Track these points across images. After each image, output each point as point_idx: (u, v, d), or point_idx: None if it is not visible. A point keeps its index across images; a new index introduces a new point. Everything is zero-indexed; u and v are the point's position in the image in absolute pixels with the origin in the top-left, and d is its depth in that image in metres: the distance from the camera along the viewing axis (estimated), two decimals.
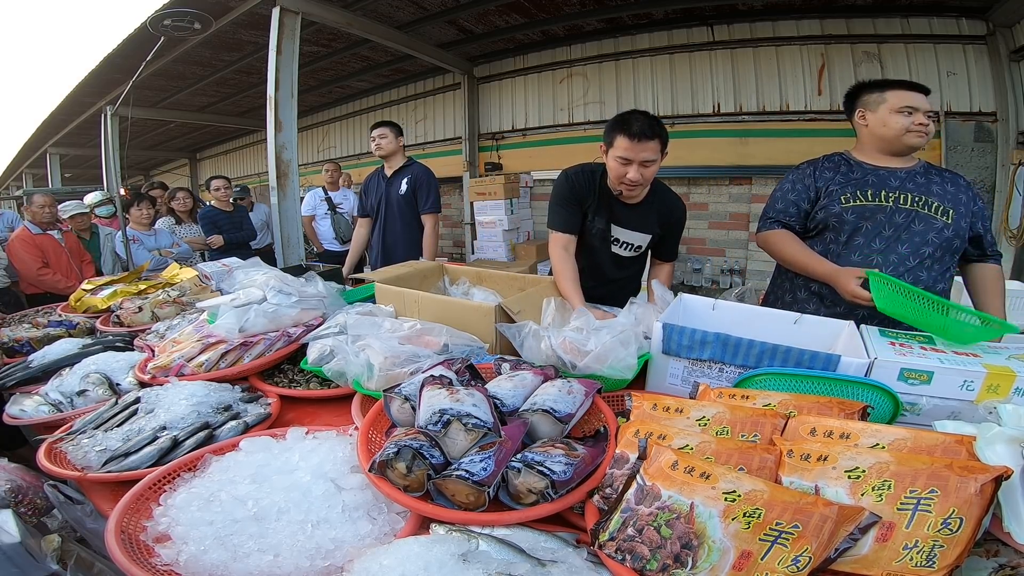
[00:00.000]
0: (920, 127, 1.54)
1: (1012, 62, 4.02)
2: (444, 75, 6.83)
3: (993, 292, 1.58)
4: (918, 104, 1.54)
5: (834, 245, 1.60)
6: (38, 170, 12.24)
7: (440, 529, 0.76)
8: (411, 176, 2.98)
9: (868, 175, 1.58)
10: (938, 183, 1.56)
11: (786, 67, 4.85)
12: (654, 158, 1.59)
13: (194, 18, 2.84)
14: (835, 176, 1.62)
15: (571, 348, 1.22)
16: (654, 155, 1.59)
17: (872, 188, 1.56)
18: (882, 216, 1.54)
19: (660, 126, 1.60)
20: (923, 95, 1.56)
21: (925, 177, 1.57)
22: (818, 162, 1.69)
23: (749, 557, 0.62)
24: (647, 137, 1.55)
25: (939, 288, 1.55)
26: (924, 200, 1.53)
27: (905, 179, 1.57)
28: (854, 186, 1.58)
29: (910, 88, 1.56)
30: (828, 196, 1.60)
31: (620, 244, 1.82)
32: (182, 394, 1.17)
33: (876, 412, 0.93)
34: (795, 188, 1.67)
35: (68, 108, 7.51)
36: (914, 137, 1.55)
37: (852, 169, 1.62)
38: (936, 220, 1.52)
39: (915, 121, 1.54)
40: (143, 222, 3.78)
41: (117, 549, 0.73)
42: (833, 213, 1.58)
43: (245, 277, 1.71)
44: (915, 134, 1.55)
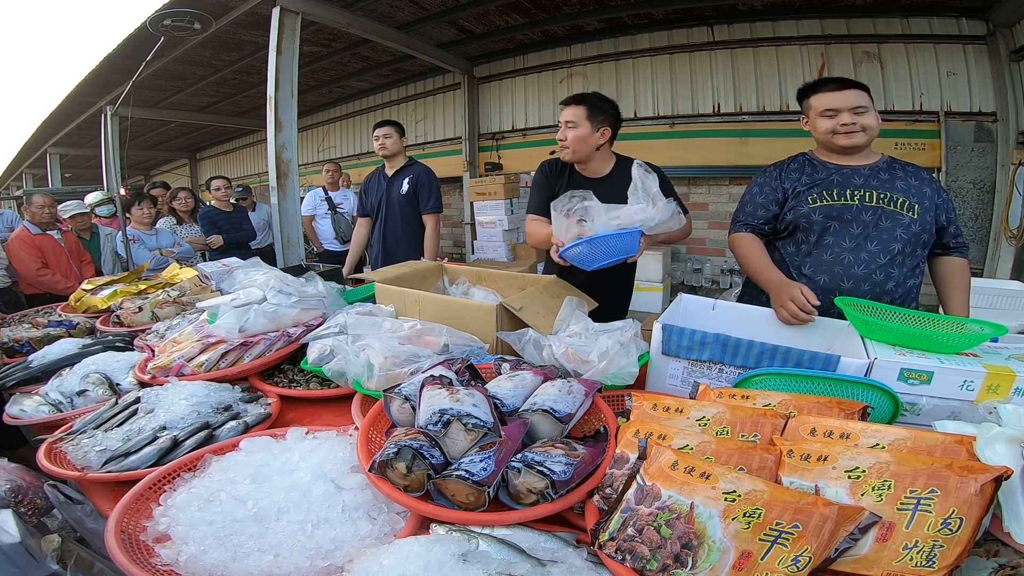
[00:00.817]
0: (845, 127, 1.52)
1: (1012, 62, 4.02)
2: (444, 75, 6.83)
3: (956, 285, 1.57)
4: (839, 104, 1.52)
5: (805, 245, 1.60)
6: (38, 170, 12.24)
7: (440, 529, 0.77)
8: (412, 176, 2.98)
9: (832, 174, 1.58)
10: (902, 178, 1.55)
11: (786, 67, 4.85)
12: (572, 119, 1.83)
13: (194, 18, 2.84)
14: (800, 176, 1.62)
15: (573, 357, 1.22)
16: (572, 117, 1.83)
17: (837, 187, 1.55)
18: (849, 215, 1.53)
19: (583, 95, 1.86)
20: (849, 91, 1.52)
21: (889, 173, 1.57)
22: (784, 163, 1.69)
23: (749, 557, 0.62)
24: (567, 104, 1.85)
25: (911, 284, 1.55)
26: (889, 196, 1.52)
27: (869, 176, 1.56)
28: (820, 186, 1.57)
29: (833, 88, 1.54)
30: (796, 197, 1.60)
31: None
32: (182, 394, 1.17)
33: (876, 412, 0.93)
34: (763, 191, 1.67)
35: (68, 108, 7.51)
36: (842, 138, 1.54)
37: (816, 169, 1.61)
38: (903, 216, 1.51)
39: (839, 122, 1.53)
40: (144, 221, 3.78)
41: (117, 549, 0.73)
42: (801, 214, 1.58)
43: (245, 277, 1.71)
44: (842, 135, 1.54)
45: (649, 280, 5.37)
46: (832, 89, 1.54)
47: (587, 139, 1.82)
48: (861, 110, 1.51)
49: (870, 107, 1.53)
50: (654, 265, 5.31)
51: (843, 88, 1.53)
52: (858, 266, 1.52)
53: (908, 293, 1.55)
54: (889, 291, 1.52)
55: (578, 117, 1.82)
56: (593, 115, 1.82)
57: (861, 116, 1.51)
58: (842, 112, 1.52)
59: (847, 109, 1.52)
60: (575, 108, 1.83)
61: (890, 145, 4.49)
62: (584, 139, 1.82)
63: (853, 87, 1.53)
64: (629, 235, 1.44)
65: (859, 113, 1.51)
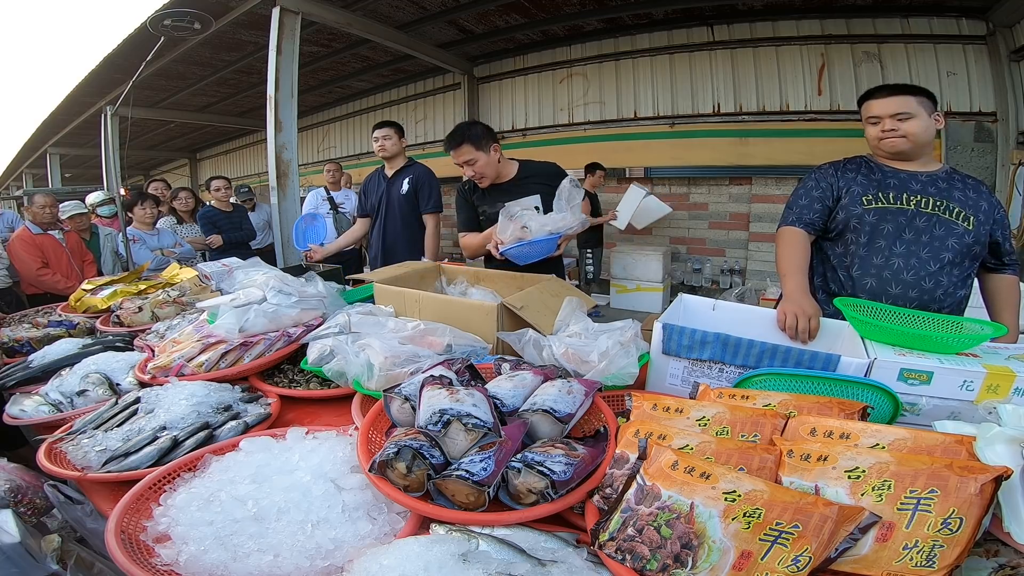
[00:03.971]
0: (888, 133, 1.53)
1: (1012, 62, 4.02)
2: (444, 75, 6.84)
3: (1008, 303, 1.57)
4: (881, 111, 1.54)
5: (854, 247, 1.58)
6: (38, 170, 12.24)
7: (440, 529, 0.76)
8: (412, 176, 2.98)
9: (889, 177, 1.57)
10: (960, 189, 1.54)
11: (786, 67, 4.85)
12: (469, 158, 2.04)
13: (194, 18, 2.84)
14: (857, 176, 1.60)
15: (573, 358, 1.22)
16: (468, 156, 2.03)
17: (894, 191, 1.54)
18: (903, 219, 1.51)
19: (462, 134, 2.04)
20: (893, 98, 1.53)
21: (947, 182, 1.55)
22: (840, 163, 1.67)
23: (749, 557, 0.62)
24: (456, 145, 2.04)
25: (960, 294, 1.53)
26: (945, 205, 1.50)
27: (927, 183, 1.54)
28: (876, 187, 1.56)
29: (880, 95, 1.56)
30: (850, 196, 1.58)
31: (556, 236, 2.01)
32: (182, 394, 1.17)
33: (876, 412, 0.93)
34: (819, 186, 1.64)
35: (68, 108, 7.51)
36: (887, 144, 1.55)
37: (873, 171, 1.60)
38: (957, 225, 1.49)
39: (882, 128, 1.54)
40: (146, 221, 3.77)
41: (117, 549, 0.73)
42: (854, 214, 1.56)
43: (245, 277, 1.71)
44: (886, 141, 1.55)
45: (649, 280, 5.38)
46: (878, 96, 1.55)
47: (489, 162, 2.08)
48: (904, 116, 1.51)
49: (917, 113, 1.51)
50: (654, 265, 5.31)
51: (888, 95, 1.53)
52: (908, 272, 1.50)
53: (958, 304, 1.53)
54: (938, 299, 1.49)
55: (471, 153, 2.04)
56: (480, 144, 2.05)
57: (904, 122, 1.51)
58: (884, 119, 1.53)
59: (888, 116, 1.52)
60: (464, 148, 2.03)
61: None
62: (488, 164, 2.08)
63: (900, 93, 1.52)
64: (554, 238, 1.83)
65: (902, 119, 1.51)
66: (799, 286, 1.46)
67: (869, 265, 1.54)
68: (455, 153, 2.06)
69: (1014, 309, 1.55)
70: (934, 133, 1.54)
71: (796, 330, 1.29)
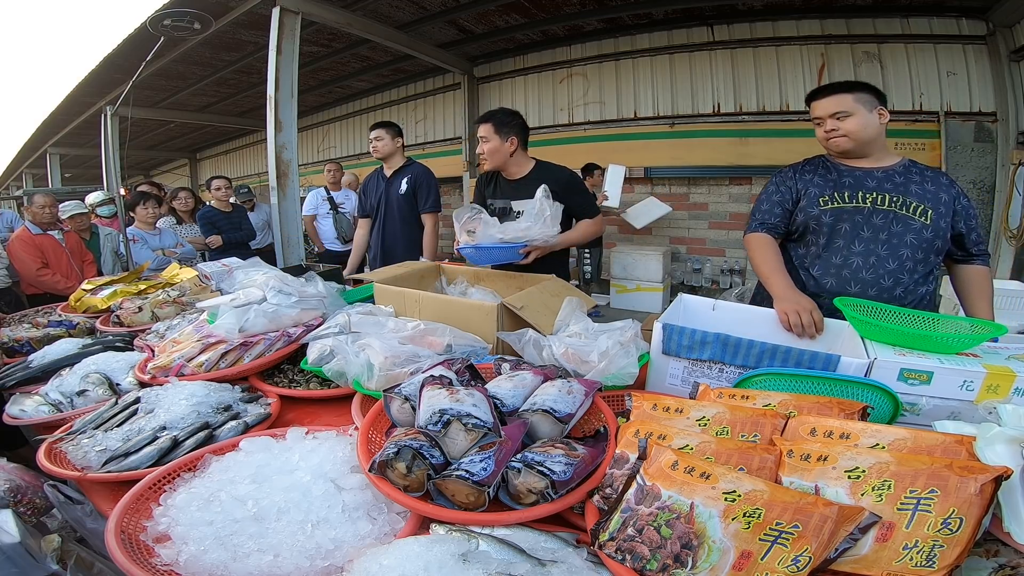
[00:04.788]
0: (830, 133, 1.55)
1: (1012, 62, 4.02)
2: (444, 75, 6.83)
3: (979, 294, 1.55)
4: (820, 112, 1.56)
5: (814, 247, 1.59)
6: (38, 170, 12.24)
7: (440, 529, 0.77)
8: (411, 176, 2.98)
9: (845, 176, 1.58)
10: (917, 182, 1.54)
11: (786, 67, 4.85)
12: (484, 135, 2.08)
13: (194, 18, 2.84)
14: (814, 178, 1.62)
15: (573, 357, 1.22)
16: (484, 132, 2.08)
17: (849, 190, 1.55)
18: (859, 218, 1.52)
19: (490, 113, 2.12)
20: (828, 99, 1.54)
21: (904, 176, 1.55)
22: (799, 165, 1.69)
23: (749, 557, 0.62)
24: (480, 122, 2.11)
25: (922, 291, 1.53)
26: (902, 200, 1.51)
27: (883, 179, 1.55)
28: (832, 188, 1.57)
29: (816, 97, 1.58)
30: (807, 197, 1.60)
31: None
32: (182, 394, 1.17)
33: (876, 412, 0.93)
34: (779, 190, 1.67)
35: (68, 108, 7.51)
36: (831, 144, 1.58)
37: (830, 171, 1.61)
38: (915, 221, 1.49)
39: (824, 129, 1.56)
40: (148, 221, 3.77)
41: (117, 549, 0.73)
42: (812, 216, 1.57)
43: (245, 277, 1.71)
44: (831, 141, 1.57)
45: (649, 280, 5.38)
46: (818, 97, 1.57)
47: (499, 150, 2.10)
48: (842, 115, 1.52)
49: (855, 111, 1.51)
50: (654, 265, 5.31)
51: (825, 96, 1.55)
52: (866, 270, 1.51)
53: (920, 300, 1.53)
54: (898, 297, 1.50)
55: (488, 132, 2.08)
56: (500, 129, 2.10)
57: (843, 121, 1.52)
58: (825, 119, 1.55)
59: (828, 116, 1.54)
60: (485, 125, 2.09)
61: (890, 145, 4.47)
62: (496, 150, 2.10)
63: (836, 92, 1.53)
64: (509, 247, 1.84)
65: (841, 118, 1.52)
66: (787, 284, 1.47)
67: (829, 265, 1.56)
68: (479, 127, 2.13)
69: (987, 300, 1.54)
70: (879, 128, 1.55)
71: (803, 327, 1.29)
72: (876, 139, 1.56)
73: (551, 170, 2.19)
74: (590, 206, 2.17)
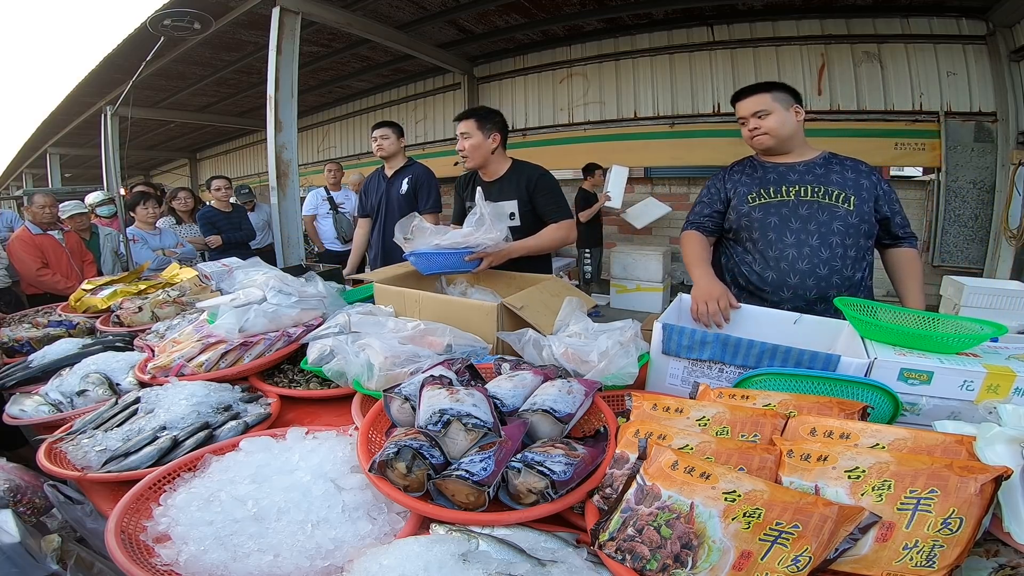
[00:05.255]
0: (753, 131, 1.62)
1: (1012, 62, 4.02)
2: (444, 75, 6.84)
3: (910, 275, 1.61)
4: (742, 112, 1.64)
5: (750, 244, 1.65)
6: (38, 170, 12.24)
7: (440, 529, 0.76)
8: (412, 176, 2.98)
9: (769, 172, 1.65)
10: (838, 172, 1.60)
11: (786, 67, 4.85)
12: (466, 131, 2.07)
13: (194, 18, 2.84)
14: (742, 178, 1.70)
15: (573, 358, 1.22)
16: (466, 129, 2.06)
17: (774, 185, 1.62)
18: (786, 210, 1.59)
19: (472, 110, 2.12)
20: (748, 99, 1.61)
21: (824, 168, 1.62)
22: (730, 167, 1.77)
23: (749, 557, 0.62)
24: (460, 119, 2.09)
25: (857, 277, 1.59)
26: (824, 190, 1.57)
27: (804, 172, 1.61)
28: (758, 184, 1.64)
29: (738, 98, 1.65)
30: (737, 196, 1.67)
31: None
32: (182, 394, 1.17)
33: (876, 412, 0.93)
34: (710, 192, 1.76)
35: (68, 108, 7.51)
36: (755, 142, 1.65)
37: (756, 169, 1.69)
38: (839, 208, 1.55)
39: (748, 128, 1.63)
40: (148, 221, 3.77)
41: (117, 549, 0.73)
42: (743, 213, 1.64)
43: (245, 277, 1.71)
44: (754, 139, 1.64)
45: (649, 280, 5.38)
46: (740, 99, 1.64)
47: (481, 146, 2.09)
48: (762, 113, 1.59)
49: (773, 109, 1.59)
50: (654, 265, 5.31)
51: (746, 96, 1.63)
52: (802, 261, 1.56)
53: (857, 286, 1.59)
54: (836, 284, 1.56)
55: (470, 128, 2.06)
56: (482, 124, 2.08)
57: (764, 120, 1.60)
58: (748, 119, 1.62)
59: (750, 115, 1.61)
60: (467, 121, 2.07)
61: (890, 145, 4.49)
62: (478, 146, 2.09)
63: (756, 93, 1.61)
64: (451, 254, 1.73)
65: (761, 117, 1.60)
66: (704, 273, 1.55)
67: (767, 259, 1.61)
68: (460, 124, 2.10)
69: (916, 281, 1.59)
70: (796, 125, 1.62)
71: (708, 315, 1.37)
72: (795, 135, 1.63)
73: (524, 169, 2.17)
74: (558, 209, 2.08)
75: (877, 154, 4.39)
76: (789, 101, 1.60)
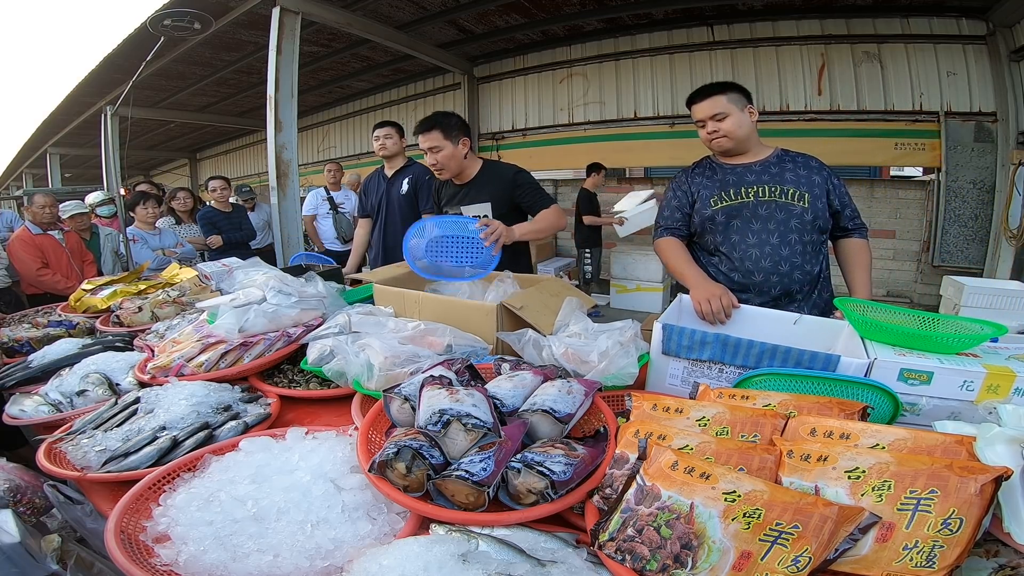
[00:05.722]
0: (712, 134, 1.62)
1: (1012, 62, 4.02)
2: (444, 75, 6.83)
3: (857, 264, 1.64)
4: (700, 115, 1.63)
5: (714, 245, 1.68)
6: (38, 170, 12.24)
7: (440, 529, 0.76)
8: (412, 176, 2.98)
9: (728, 175, 1.66)
10: (791, 169, 1.63)
11: (786, 67, 4.85)
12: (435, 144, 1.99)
13: (194, 18, 2.84)
14: (703, 180, 1.71)
15: (573, 357, 1.22)
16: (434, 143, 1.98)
17: (733, 187, 1.64)
18: (747, 211, 1.61)
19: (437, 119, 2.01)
20: (705, 101, 1.61)
21: (778, 166, 1.64)
22: (690, 168, 1.78)
23: (749, 557, 0.62)
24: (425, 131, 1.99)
25: (816, 271, 1.62)
26: (780, 189, 1.60)
27: (760, 172, 1.63)
28: (719, 187, 1.66)
29: (694, 101, 1.64)
30: (701, 200, 1.69)
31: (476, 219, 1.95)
32: (182, 394, 1.17)
33: (876, 412, 0.93)
34: (676, 195, 1.77)
35: (68, 108, 7.51)
36: (714, 145, 1.65)
37: (715, 171, 1.70)
38: (794, 206, 1.59)
39: (707, 131, 1.63)
40: (148, 221, 3.77)
41: (117, 549, 0.73)
42: (707, 216, 1.67)
43: (245, 277, 1.71)
44: (713, 142, 1.64)
45: (649, 280, 5.38)
46: (696, 101, 1.64)
47: (453, 155, 2.06)
48: (720, 116, 1.60)
49: (730, 111, 1.59)
50: (654, 265, 5.31)
51: (701, 99, 1.62)
52: (764, 259, 1.60)
53: (816, 278, 1.63)
54: (797, 280, 1.60)
55: (437, 141, 2.00)
56: (448, 133, 2.03)
57: (721, 122, 1.60)
58: (706, 122, 1.63)
59: (708, 118, 1.62)
60: (431, 134, 1.99)
61: (890, 145, 4.49)
62: (451, 156, 2.06)
63: (712, 95, 1.60)
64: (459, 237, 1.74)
65: (719, 119, 1.60)
66: (698, 274, 1.58)
67: (732, 259, 1.64)
68: (424, 138, 2.01)
69: (864, 269, 1.64)
70: (751, 126, 1.63)
71: (713, 313, 1.39)
72: (751, 136, 1.65)
73: (496, 169, 2.15)
74: (542, 200, 2.11)
75: (877, 154, 4.39)
76: (743, 102, 1.62)
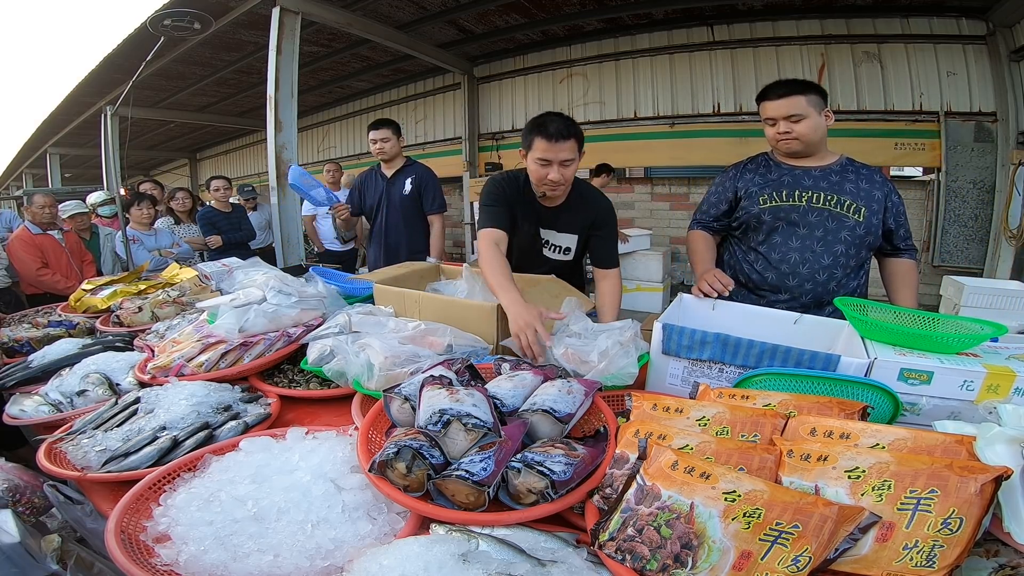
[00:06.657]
0: (783, 135, 1.58)
1: (1012, 62, 4.02)
2: (444, 75, 6.83)
3: (905, 284, 1.63)
4: (774, 114, 1.58)
5: (755, 243, 1.67)
6: (38, 170, 12.24)
7: (440, 529, 0.76)
8: (415, 176, 2.97)
9: (784, 175, 1.63)
10: (852, 180, 1.59)
11: (786, 67, 4.85)
12: (572, 157, 1.62)
13: (194, 18, 2.84)
14: (755, 177, 1.68)
15: (573, 357, 1.22)
16: (571, 154, 1.61)
17: (787, 188, 1.60)
18: (796, 215, 1.59)
19: (575, 126, 1.63)
20: (784, 100, 1.54)
21: (840, 175, 1.60)
22: (742, 164, 1.75)
23: (749, 557, 0.62)
24: (563, 137, 1.58)
25: (852, 285, 1.61)
26: (836, 199, 1.57)
27: (819, 178, 1.60)
28: (771, 187, 1.63)
29: (772, 97, 1.58)
30: (748, 197, 1.66)
31: (550, 247, 1.87)
32: (182, 394, 1.17)
33: (876, 412, 0.93)
34: (717, 191, 1.76)
35: (68, 108, 7.51)
36: (783, 146, 1.61)
37: (771, 169, 1.67)
38: (848, 219, 1.56)
39: (777, 131, 1.58)
40: (144, 222, 3.77)
41: (117, 549, 0.73)
42: (752, 214, 1.64)
43: (245, 277, 1.71)
44: (782, 143, 1.60)
45: (649, 280, 5.37)
46: (772, 98, 1.59)
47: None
48: (796, 118, 1.55)
49: (808, 113, 1.54)
50: (654, 265, 5.31)
51: (780, 97, 1.57)
52: (803, 266, 1.58)
53: (851, 293, 1.60)
54: (831, 291, 1.58)
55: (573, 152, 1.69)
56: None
57: (797, 124, 1.55)
58: (779, 121, 1.58)
59: (782, 118, 1.56)
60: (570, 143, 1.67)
61: (890, 145, 4.49)
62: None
63: (791, 94, 1.54)
64: None
65: (795, 121, 1.55)
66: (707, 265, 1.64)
67: (769, 260, 1.63)
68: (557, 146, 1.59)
69: (911, 290, 1.63)
70: (825, 130, 1.59)
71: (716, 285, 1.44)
72: (822, 140, 1.61)
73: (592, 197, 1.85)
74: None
75: (877, 154, 4.39)
76: (822, 105, 1.55)
